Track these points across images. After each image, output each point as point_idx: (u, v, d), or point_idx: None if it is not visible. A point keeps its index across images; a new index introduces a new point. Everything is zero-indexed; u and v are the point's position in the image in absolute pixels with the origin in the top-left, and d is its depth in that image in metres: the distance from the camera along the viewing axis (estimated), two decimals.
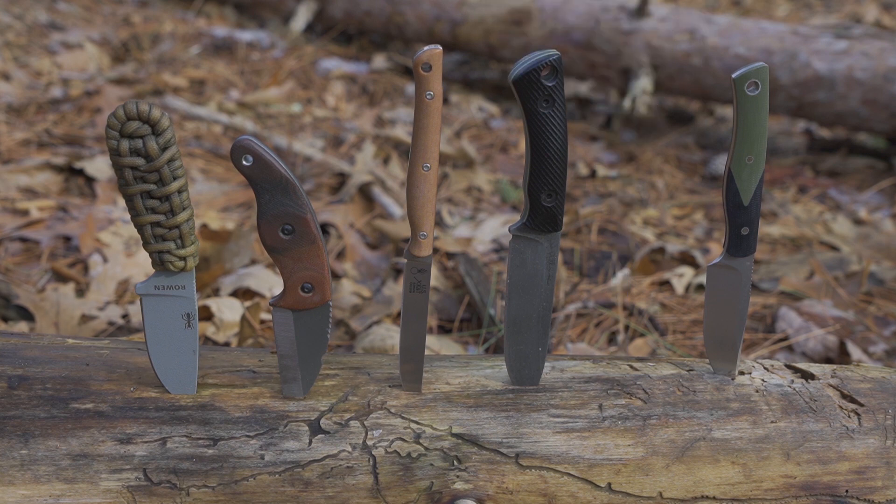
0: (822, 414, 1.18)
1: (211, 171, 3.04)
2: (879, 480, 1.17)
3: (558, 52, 1.04)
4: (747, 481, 1.14)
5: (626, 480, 1.13)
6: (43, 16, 4.87)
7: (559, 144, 1.07)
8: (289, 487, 1.08)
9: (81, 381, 1.11)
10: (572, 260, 2.56)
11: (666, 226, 2.89)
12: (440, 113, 1.04)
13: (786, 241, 2.78)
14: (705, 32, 3.68)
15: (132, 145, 1.01)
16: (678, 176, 3.42)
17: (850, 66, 3.43)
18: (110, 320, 2.03)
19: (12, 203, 2.62)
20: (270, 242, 1.07)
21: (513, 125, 3.83)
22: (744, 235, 1.15)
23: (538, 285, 1.15)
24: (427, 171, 1.06)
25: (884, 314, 2.29)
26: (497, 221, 2.79)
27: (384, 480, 1.09)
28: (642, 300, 2.29)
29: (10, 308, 2.04)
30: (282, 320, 1.11)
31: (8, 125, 3.26)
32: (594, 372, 1.20)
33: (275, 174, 1.04)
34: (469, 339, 2.08)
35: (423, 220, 1.09)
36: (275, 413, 1.11)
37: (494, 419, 1.13)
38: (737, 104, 1.08)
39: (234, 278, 2.20)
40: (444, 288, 2.32)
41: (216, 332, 2.00)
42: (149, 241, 1.07)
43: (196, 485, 1.07)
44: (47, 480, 1.05)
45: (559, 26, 3.93)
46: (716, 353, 1.22)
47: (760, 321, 2.24)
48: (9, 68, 3.96)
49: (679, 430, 1.15)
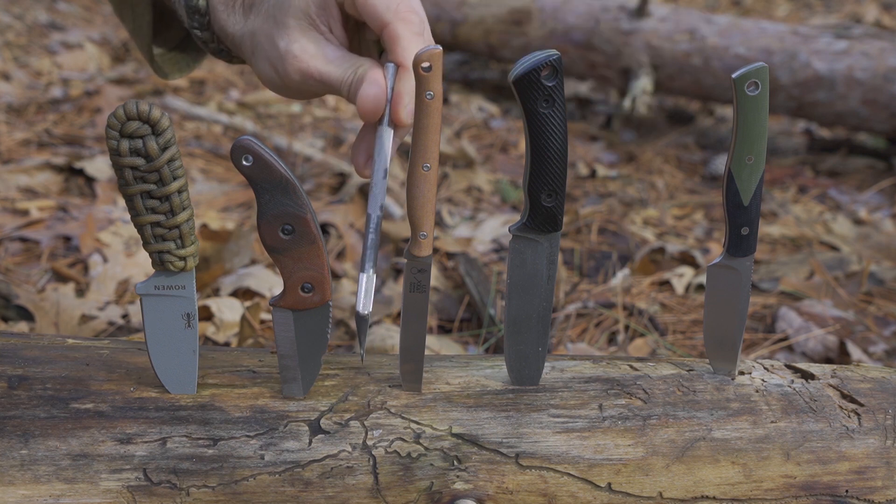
0: (822, 414, 1.18)
1: (211, 171, 3.04)
2: (879, 480, 1.17)
3: (558, 52, 1.04)
4: (747, 481, 1.14)
5: (626, 480, 1.13)
6: (43, 16, 4.87)
7: (559, 144, 1.07)
8: (289, 487, 1.08)
9: (81, 381, 1.11)
10: (572, 260, 2.56)
11: (666, 226, 2.90)
12: (440, 113, 1.04)
13: (786, 241, 2.78)
14: (705, 32, 3.68)
15: (132, 145, 1.01)
16: (678, 176, 3.42)
17: (850, 66, 3.42)
18: (110, 320, 2.03)
19: (12, 203, 2.62)
20: (270, 242, 1.07)
21: (513, 125, 3.83)
22: (744, 235, 1.15)
23: (538, 285, 1.15)
24: (427, 171, 1.06)
25: (884, 314, 2.29)
26: (497, 221, 2.79)
27: (384, 480, 1.09)
28: (642, 300, 2.29)
29: (10, 308, 2.04)
30: (282, 320, 1.11)
31: (8, 125, 3.26)
32: (594, 372, 1.20)
33: (275, 174, 1.04)
34: (469, 339, 2.08)
35: (423, 220, 1.09)
36: (275, 413, 1.11)
37: (494, 419, 1.13)
38: (737, 104, 1.08)
39: (234, 278, 2.20)
40: (444, 288, 2.32)
41: (216, 332, 2.00)
42: (149, 241, 1.07)
43: (196, 485, 1.07)
44: (47, 480, 1.05)
45: (559, 26, 3.93)
46: (716, 353, 1.22)
47: (760, 321, 2.25)
48: (9, 68, 3.96)
49: (679, 430, 1.15)
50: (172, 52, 1.49)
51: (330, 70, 1.15)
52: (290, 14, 1.17)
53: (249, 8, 1.24)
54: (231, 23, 1.25)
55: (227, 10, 1.25)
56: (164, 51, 1.48)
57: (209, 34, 1.29)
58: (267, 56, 1.19)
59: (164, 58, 1.48)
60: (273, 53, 1.18)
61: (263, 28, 1.20)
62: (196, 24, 1.28)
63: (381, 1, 1.12)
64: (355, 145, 1.19)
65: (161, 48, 1.47)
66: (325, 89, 1.17)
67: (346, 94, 1.15)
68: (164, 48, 1.48)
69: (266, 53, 1.19)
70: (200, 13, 1.27)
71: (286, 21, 1.17)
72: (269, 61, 1.19)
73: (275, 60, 1.18)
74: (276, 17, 1.18)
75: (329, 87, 1.16)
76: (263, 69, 1.21)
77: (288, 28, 1.16)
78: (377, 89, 1.11)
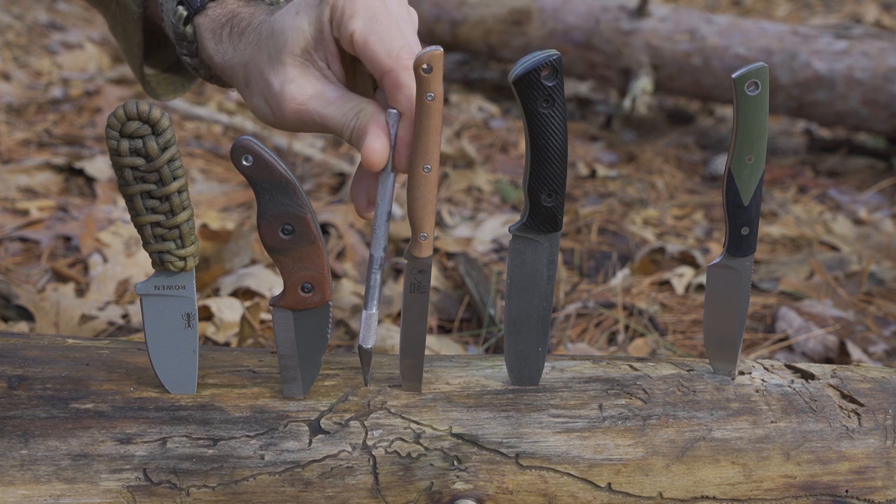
0: (822, 414, 1.18)
1: (211, 171, 3.04)
2: (879, 480, 1.17)
3: (558, 52, 1.04)
4: (747, 481, 1.14)
5: (626, 480, 1.13)
6: (43, 16, 4.87)
7: (559, 144, 1.07)
8: (289, 487, 1.08)
9: (81, 381, 1.11)
10: (572, 260, 2.56)
11: (666, 226, 2.90)
12: (441, 114, 1.04)
13: (786, 241, 2.78)
14: (705, 32, 3.68)
15: (132, 145, 1.01)
16: (678, 176, 3.42)
17: (850, 66, 3.43)
18: (110, 320, 2.03)
19: (12, 203, 2.62)
20: (270, 242, 1.07)
21: (513, 125, 3.83)
22: (744, 235, 1.15)
23: (538, 285, 1.15)
24: (428, 172, 1.06)
25: (884, 314, 2.29)
26: (497, 221, 2.79)
27: (384, 480, 1.09)
28: (642, 300, 2.29)
29: (10, 308, 2.04)
30: (282, 320, 1.11)
31: (8, 125, 3.26)
32: (594, 372, 1.20)
33: (275, 174, 1.04)
34: (469, 339, 2.08)
35: (423, 221, 1.09)
36: (275, 413, 1.11)
37: (494, 419, 1.13)
38: (737, 104, 1.08)
39: (234, 278, 2.20)
40: (444, 288, 2.32)
41: (216, 332, 2.00)
42: (149, 241, 1.07)
43: (196, 485, 1.07)
44: (47, 480, 1.05)
45: (559, 26, 3.93)
46: (716, 353, 1.22)
47: (760, 321, 2.25)
48: (9, 68, 3.96)
49: (679, 430, 1.15)
50: (166, 74, 1.45)
51: (330, 112, 1.10)
52: (286, 50, 1.11)
53: (240, 35, 1.18)
54: (219, 52, 1.20)
55: (216, 39, 1.21)
56: (158, 72, 1.44)
57: (198, 61, 1.25)
58: (262, 92, 1.14)
59: (157, 79, 1.44)
60: (268, 91, 1.13)
61: (256, 60, 1.14)
62: (185, 51, 1.25)
63: (381, 47, 1.06)
64: (354, 188, 1.16)
65: (154, 69, 1.44)
66: (323, 130, 1.13)
67: (348, 138, 1.10)
68: (157, 69, 1.44)
69: (260, 89, 1.14)
70: (188, 40, 1.23)
71: (282, 58, 1.11)
72: (263, 98, 1.15)
73: (269, 98, 1.13)
74: (271, 52, 1.12)
75: (328, 129, 1.12)
76: (258, 105, 1.16)
77: (284, 65, 1.11)
78: (382, 143, 1.06)
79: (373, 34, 1.07)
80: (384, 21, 1.07)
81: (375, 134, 1.07)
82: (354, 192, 1.17)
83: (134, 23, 1.37)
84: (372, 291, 1.12)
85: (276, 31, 1.13)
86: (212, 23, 1.22)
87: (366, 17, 1.07)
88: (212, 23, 1.22)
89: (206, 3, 1.23)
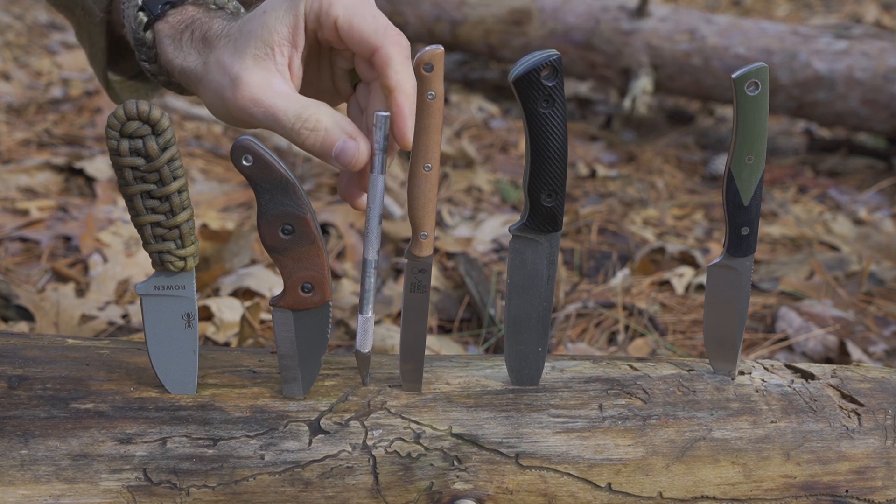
0: (822, 414, 1.18)
1: (211, 171, 3.04)
2: (879, 480, 1.17)
3: (558, 52, 1.04)
4: (747, 481, 1.14)
5: (626, 480, 1.13)
6: (43, 16, 4.87)
7: (559, 144, 1.07)
8: (289, 487, 1.08)
9: (81, 381, 1.11)
10: (572, 260, 2.56)
11: (666, 226, 2.90)
12: (441, 113, 1.04)
13: (786, 241, 2.78)
14: (705, 32, 3.68)
15: (132, 145, 1.01)
16: (678, 176, 3.42)
17: (850, 66, 3.43)
18: (110, 320, 2.03)
19: (12, 203, 2.62)
20: (270, 242, 1.07)
21: (513, 125, 3.83)
22: (744, 235, 1.15)
23: (538, 285, 1.15)
24: (428, 171, 1.06)
25: (884, 314, 2.29)
26: (497, 221, 2.79)
27: (384, 480, 1.09)
28: (642, 300, 2.29)
29: (10, 308, 2.04)
30: (282, 320, 1.11)
31: (8, 125, 3.26)
32: (594, 372, 1.20)
33: (275, 174, 1.04)
34: (469, 339, 2.08)
35: (423, 220, 1.09)
36: (275, 413, 1.11)
37: (494, 419, 1.13)
38: (737, 104, 1.08)
39: (234, 278, 2.20)
40: (444, 288, 2.32)
41: (216, 332, 2.00)
42: (149, 241, 1.07)
43: (196, 485, 1.07)
44: (47, 480, 1.05)
45: (559, 26, 3.93)
46: (716, 353, 1.22)
47: (760, 321, 2.25)
48: (9, 68, 3.96)
49: (679, 430, 1.15)
50: (132, 81, 1.47)
51: (278, 104, 1.12)
52: (251, 43, 1.14)
53: (201, 39, 1.21)
54: (179, 56, 1.23)
55: (175, 45, 1.23)
56: (123, 79, 1.46)
57: (157, 66, 1.28)
58: (217, 84, 1.17)
59: (123, 86, 1.47)
60: (223, 80, 1.15)
61: (218, 56, 1.17)
62: (144, 56, 1.27)
63: (367, 26, 1.12)
64: (342, 185, 1.20)
65: (120, 76, 1.46)
66: (271, 122, 1.14)
67: (294, 136, 1.12)
68: (123, 76, 1.46)
69: (216, 82, 1.17)
70: (147, 46, 1.25)
71: (245, 49, 1.14)
72: (217, 90, 1.17)
73: (223, 89, 1.15)
74: (237, 46, 1.16)
75: (275, 122, 1.13)
76: (211, 99, 1.19)
77: (244, 56, 1.14)
78: (353, 144, 1.10)
79: (356, 16, 1.13)
80: (363, 4, 1.14)
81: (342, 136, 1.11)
82: (344, 189, 1.21)
83: (97, 27, 1.39)
84: (367, 295, 1.12)
85: (245, 29, 1.17)
86: (171, 29, 1.24)
87: (346, 4, 1.13)
88: (171, 29, 1.24)
89: (167, 9, 1.25)
